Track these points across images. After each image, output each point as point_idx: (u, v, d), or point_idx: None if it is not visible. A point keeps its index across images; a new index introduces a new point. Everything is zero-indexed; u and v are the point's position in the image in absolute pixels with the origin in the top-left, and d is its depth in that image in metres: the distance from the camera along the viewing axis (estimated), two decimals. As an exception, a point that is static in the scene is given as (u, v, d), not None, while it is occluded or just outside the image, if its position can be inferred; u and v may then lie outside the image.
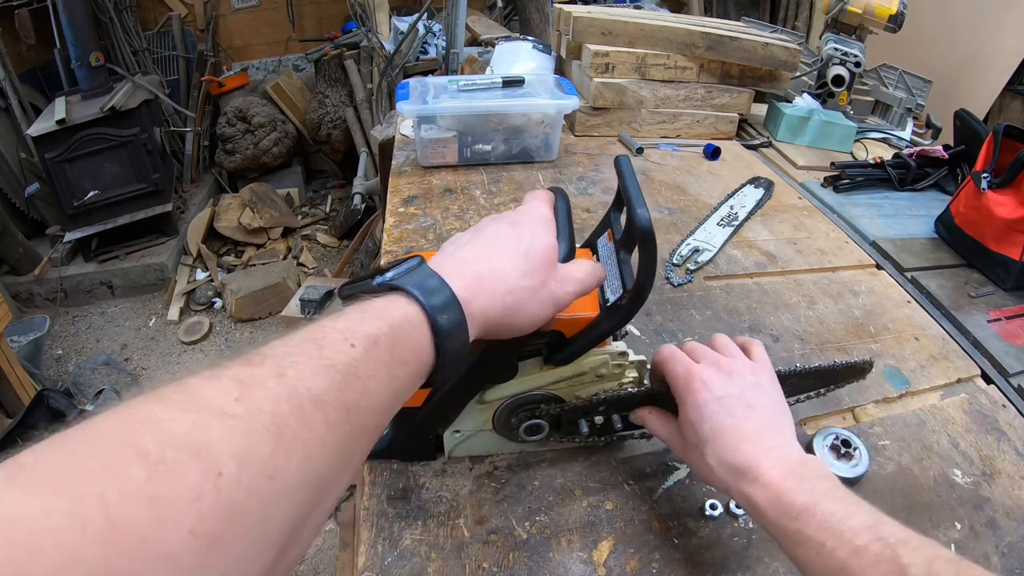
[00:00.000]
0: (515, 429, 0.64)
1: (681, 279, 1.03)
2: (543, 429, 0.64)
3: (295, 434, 0.29)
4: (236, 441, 0.27)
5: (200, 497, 0.24)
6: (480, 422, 0.65)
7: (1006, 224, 1.06)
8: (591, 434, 0.66)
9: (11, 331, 2.60)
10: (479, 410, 0.63)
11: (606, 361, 0.61)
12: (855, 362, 0.69)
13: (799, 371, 0.65)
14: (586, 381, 0.62)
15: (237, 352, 0.41)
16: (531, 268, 0.49)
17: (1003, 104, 2.62)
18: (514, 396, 0.62)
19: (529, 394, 0.62)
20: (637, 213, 0.54)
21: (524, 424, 0.63)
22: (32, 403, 2.08)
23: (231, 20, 4.28)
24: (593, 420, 0.64)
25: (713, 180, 1.38)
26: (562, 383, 0.62)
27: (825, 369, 0.67)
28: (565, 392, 0.63)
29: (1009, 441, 0.78)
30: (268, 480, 0.27)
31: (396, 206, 1.20)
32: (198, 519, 0.24)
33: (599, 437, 0.68)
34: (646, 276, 0.54)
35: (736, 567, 0.60)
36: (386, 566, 0.58)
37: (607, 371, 0.62)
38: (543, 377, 0.61)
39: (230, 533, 0.25)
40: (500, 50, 1.83)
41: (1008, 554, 0.64)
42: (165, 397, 0.28)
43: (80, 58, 3.07)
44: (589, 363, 0.61)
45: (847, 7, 1.58)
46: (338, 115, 3.90)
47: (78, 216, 3.15)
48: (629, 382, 0.64)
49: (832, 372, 0.68)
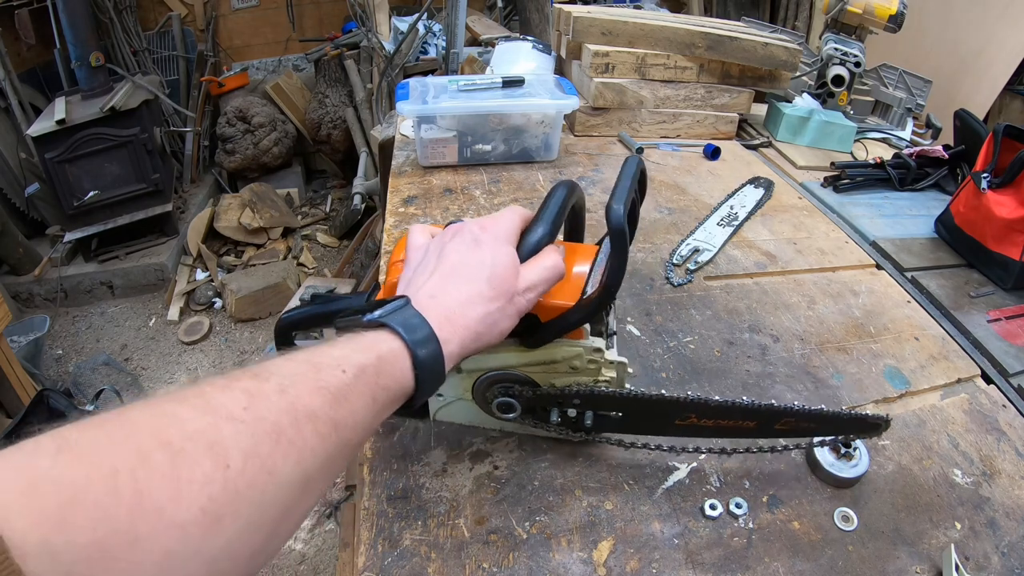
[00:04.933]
0: (490, 403, 0.67)
1: (681, 279, 1.03)
2: (515, 409, 0.66)
3: (291, 441, 0.36)
4: (243, 441, 0.33)
5: (211, 482, 0.31)
6: (460, 390, 0.68)
7: (1006, 224, 1.06)
8: (562, 425, 0.66)
9: (11, 331, 2.60)
10: (459, 378, 0.66)
11: (580, 354, 0.62)
12: (867, 416, 0.63)
13: (795, 411, 0.61)
14: (560, 370, 0.64)
15: (243, 358, 0.43)
16: (497, 292, 0.53)
17: (1003, 104, 2.62)
18: (491, 370, 0.64)
19: (506, 372, 0.64)
20: (611, 208, 0.55)
21: (497, 399, 0.66)
22: (32, 403, 2.08)
23: (231, 20, 4.28)
24: (565, 412, 0.65)
25: (713, 180, 1.38)
26: (536, 367, 0.63)
27: (829, 416, 0.63)
28: (540, 378, 0.64)
29: (1009, 441, 0.78)
30: (266, 475, 0.34)
31: (396, 206, 1.20)
32: (208, 499, 0.30)
33: (572, 432, 0.69)
34: (614, 273, 0.55)
35: (736, 567, 0.60)
36: (386, 566, 0.58)
37: (581, 364, 0.63)
38: (517, 357, 0.63)
39: (232, 514, 0.31)
40: (500, 50, 1.83)
41: (1008, 554, 0.64)
42: (186, 400, 0.34)
43: (80, 58, 3.07)
44: (562, 353, 0.62)
45: (847, 7, 1.58)
46: (338, 115, 3.90)
47: (78, 216, 3.15)
48: (605, 381, 0.65)
49: (836, 420, 0.64)
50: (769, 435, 0.64)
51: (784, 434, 0.64)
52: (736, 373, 0.85)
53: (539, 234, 0.58)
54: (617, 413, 0.65)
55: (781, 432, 0.63)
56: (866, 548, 0.63)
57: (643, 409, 0.63)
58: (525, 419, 0.68)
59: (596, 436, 0.69)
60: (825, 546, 0.63)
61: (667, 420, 0.64)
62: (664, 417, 0.64)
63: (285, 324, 0.69)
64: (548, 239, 0.58)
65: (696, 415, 0.62)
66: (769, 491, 0.68)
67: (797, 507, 0.67)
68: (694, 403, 0.61)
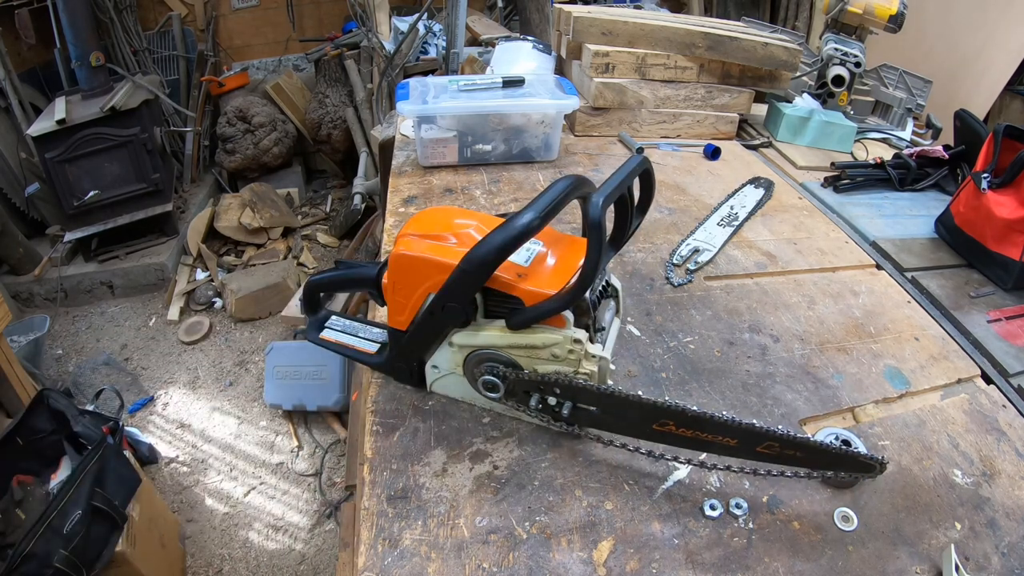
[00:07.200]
0: (476, 380, 0.71)
1: (681, 279, 1.02)
2: (498, 388, 0.69)
3: None
4: None
5: None
6: (452, 364, 0.72)
7: (1006, 224, 1.06)
8: (543, 412, 0.69)
9: (11, 331, 2.60)
10: (451, 352, 0.71)
11: (560, 343, 0.65)
12: (859, 454, 0.60)
13: (778, 435, 0.59)
14: (543, 356, 0.67)
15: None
16: None
17: (1003, 104, 2.62)
18: (481, 348, 0.69)
19: (494, 353, 0.68)
20: (591, 201, 0.55)
21: (483, 377, 0.70)
22: (32, 403, 2.08)
23: (231, 20, 4.28)
24: (545, 399, 0.68)
25: (713, 180, 1.38)
26: (520, 351, 0.67)
27: (816, 447, 0.60)
28: (525, 362, 0.68)
29: (1009, 441, 0.78)
30: None
31: (396, 206, 1.20)
32: None
33: (553, 420, 0.70)
34: (588, 266, 0.56)
35: (736, 567, 0.60)
36: (386, 566, 0.58)
37: (561, 353, 0.66)
38: (501, 337, 0.67)
39: None
40: (500, 50, 1.83)
41: (1008, 554, 0.64)
42: None
43: (80, 58, 3.07)
44: (542, 339, 0.65)
45: (847, 7, 1.58)
46: (338, 115, 3.90)
47: (78, 216, 3.15)
48: (585, 374, 0.66)
49: (824, 453, 0.60)
50: (751, 457, 0.62)
51: (767, 459, 0.62)
52: (736, 373, 0.85)
53: (526, 219, 0.58)
54: (594, 408, 0.66)
55: (764, 456, 0.62)
56: (866, 548, 0.63)
57: (618, 407, 0.64)
58: (508, 400, 0.71)
59: (580, 430, 0.70)
60: (825, 546, 0.63)
61: (644, 423, 0.64)
62: (641, 420, 0.64)
63: (313, 285, 0.79)
64: (539, 224, 0.59)
65: (674, 423, 0.62)
66: (769, 491, 0.68)
67: (797, 507, 0.67)
68: (670, 410, 0.61)
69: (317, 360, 2.40)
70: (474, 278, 0.62)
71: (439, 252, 0.66)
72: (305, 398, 2.44)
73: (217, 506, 2.16)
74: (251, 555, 2.01)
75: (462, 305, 0.66)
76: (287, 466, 2.32)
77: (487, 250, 0.59)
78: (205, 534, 2.07)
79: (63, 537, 1.41)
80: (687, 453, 0.67)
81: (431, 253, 0.66)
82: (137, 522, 1.66)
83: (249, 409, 2.58)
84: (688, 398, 0.80)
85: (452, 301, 0.65)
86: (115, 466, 1.66)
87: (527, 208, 0.59)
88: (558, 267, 0.66)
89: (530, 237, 0.59)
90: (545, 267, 0.67)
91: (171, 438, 2.45)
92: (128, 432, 2.26)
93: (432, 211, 0.76)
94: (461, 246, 0.65)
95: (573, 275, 0.63)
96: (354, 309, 2.50)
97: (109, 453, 1.65)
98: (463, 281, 0.63)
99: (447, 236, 0.67)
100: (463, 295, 0.65)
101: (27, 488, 1.60)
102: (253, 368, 2.81)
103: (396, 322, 0.72)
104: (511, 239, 0.58)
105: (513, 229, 0.58)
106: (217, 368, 2.84)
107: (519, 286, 0.64)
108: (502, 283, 0.65)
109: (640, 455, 0.70)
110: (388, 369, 0.79)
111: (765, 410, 0.79)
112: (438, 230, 0.68)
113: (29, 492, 1.59)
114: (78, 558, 1.42)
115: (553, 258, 0.68)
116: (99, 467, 1.58)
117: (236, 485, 2.24)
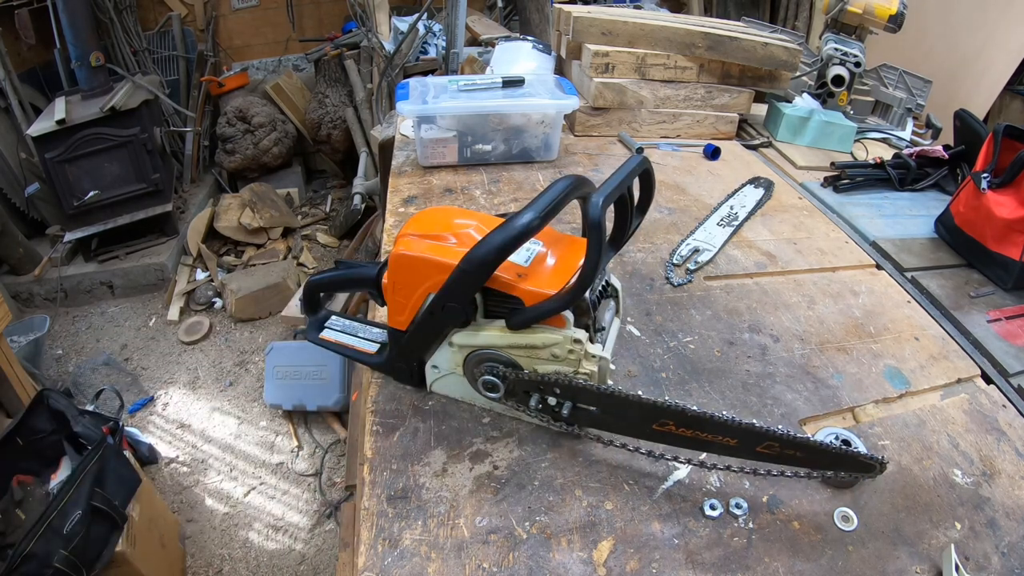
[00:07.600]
0: (476, 380, 0.71)
1: (681, 279, 1.02)
2: (498, 388, 0.69)
3: None
4: None
5: None
6: (452, 364, 0.72)
7: (1006, 224, 1.06)
8: (542, 412, 0.69)
9: (11, 331, 2.60)
10: (451, 352, 0.71)
11: (559, 343, 0.65)
12: (859, 454, 0.60)
13: (778, 435, 0.59)
14: (542, 356, 0.66)
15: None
16: None
17: (1003, 104, 2.62)
18: (480, 348, 0.69)
19: (494, 353, 0.68)
20: (591, 201, 0.55)
21: (483, 377, 0.69)
22: (32, 403, 2.08)
23: (231, 20, 4.27)
24: (545, 399, 0.67)
25: (713, 180, 1.38)
26: (520, 351, 0.67)
27: (816, 447, 0.60)
28: (525, 362, 0.68)
29: (1009, 441, 0.78)
30: None
31: (396, 206, 1.20)
32: None
33: (553, 420, 0.70)
34: (588, 266, 0.56)
35: (736, 567, 0.60)
36: (386, 566, 0.58)
37: (561, 353, 0.66)
38: (501, 337, 0.67)
39: None
40: (500, 50, 1.83)
41: (1008, 554, 0.64)
42: None
43: (80, 58, 3.07)
44: (542, 339, 0.65)
45: (847, 7, 1.58)
46: (338, 115, 3.90)
47: (78, 216, 3.15)
48: (585, 374, 0.66)
49: (824, 453, 0.60)
50: (751, 457, 0.62)
51: (767, 459, 0.62)
52: (736, 373, 0.85)
53: (526, 219, 0.58)
54: (594, 408, 0.66)
55: (764, 456, 0.62)
56: (866, 548, 0.63)
57: (618, 407, 0.64)
58: (508, 400, 0.71)
59: (580, 430, 0.70)
60: (825, 546, 0.63)
61: (644, 423, 0.64)
62: (640, 420, 0.64)
63: (313, 285, 0.79)
64: (539, 224, 0.59)
65: (674, 423, 0.62)
66: (769, 491, 0.68)
67: (797, 507, 0.67)
68: (670, 410, 0.61)
69: (317, 360, 2.40)
70: (474, 278, 0.62)
71: (439, 252, 0.66)
72: (305, 398, 2.44)
73: (217, 506, 2.17)
74: (251, 555, 2.01)
75: (462, 305, 0.66)
76: (287, 466, 2.32)
77: (487, 250, 0.60)
78: (205, 534, 2.07)
79: (63, 537, 1.41)
80: (687, 453, 0.67)
81: (431, 253, 0.66)
82: (137, 522, 1.66)
83: (249, 409, 2.58)
84: (688, 398, 0.80)
85: (452, 301, 0.65)
86: (115, 466, 1.66)
87: (527, 208, 0.59)
88: (558, 267, 0.66)
89: (530, 237, 0.59)
90: (545, 267, 0.67)
91: (171, 438, 2.45)
92: (128, 432, 2.26)
93: (432, 211, 0.76)
94: (461, 246, 0.65)
95: (573, 275, 0.63)
96: (354, 309, 2.50)
97: (109, 453, 1.65)
98: (463, 281, 0.63)
99: (447, 236, 0.68)
100: (463, 295, 0.65)
101: (27, 488, 1.60)
102: (253, 368, 2.81)
103: (396, 322, 0.72)
104: (511, 239, 0.59)
105: (513, 229, 0.58)
106: (217, 368, 2.84)
107: (519, 286, 0.64)
108: (502, 283, 0.65)
109: (640, 455, 0.70)
110: (388, 369, 0.79)
111: (765, 410, 0.79)
112: (438, 230, 0.68)
113: (29, 492, 1.59)
114: (78, 558, 1.42)
115: (553, 258, 0.68)
116: (99, 467, 1.59)
117: (236, 485, 2.24)
